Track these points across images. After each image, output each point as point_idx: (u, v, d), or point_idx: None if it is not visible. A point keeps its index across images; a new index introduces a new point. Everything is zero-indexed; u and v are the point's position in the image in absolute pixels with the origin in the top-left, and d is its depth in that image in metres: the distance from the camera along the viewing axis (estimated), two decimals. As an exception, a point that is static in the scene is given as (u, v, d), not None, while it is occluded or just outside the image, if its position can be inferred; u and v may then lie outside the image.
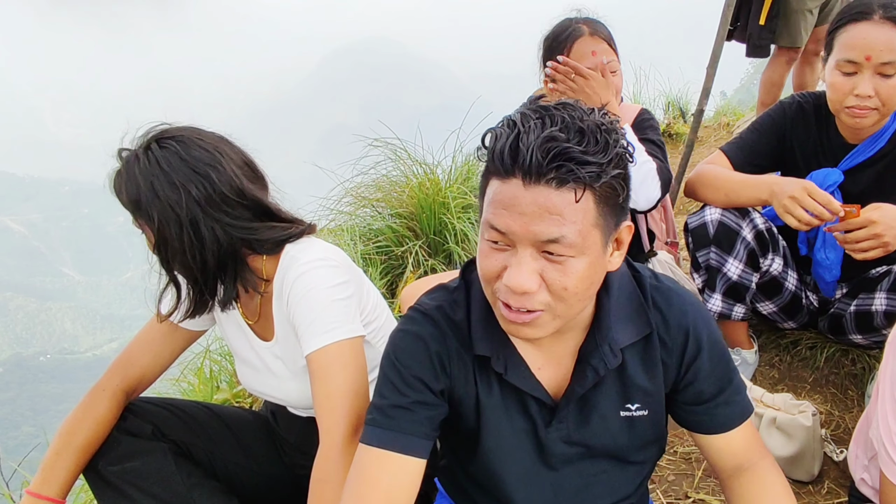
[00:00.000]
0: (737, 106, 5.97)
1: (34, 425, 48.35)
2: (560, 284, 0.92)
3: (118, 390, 1.48)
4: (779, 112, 1.97)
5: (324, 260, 1.38)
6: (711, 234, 1.93)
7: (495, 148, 0.91)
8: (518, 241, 0.91)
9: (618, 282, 1.08)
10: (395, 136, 3.48)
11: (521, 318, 0.95)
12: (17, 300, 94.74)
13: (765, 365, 2.34)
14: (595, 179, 0.88)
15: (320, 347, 1.32)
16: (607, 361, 1.05)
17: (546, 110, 0.91)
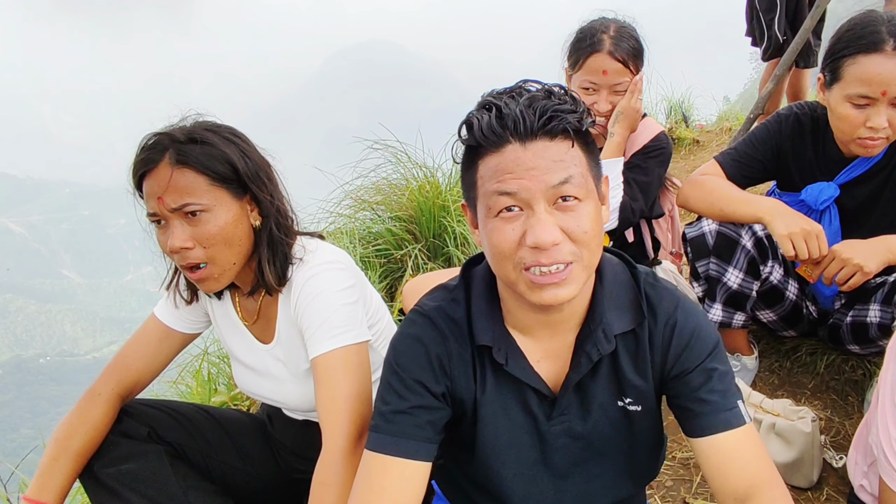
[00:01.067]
0: (740, 111, 5.98)
1: (32, 427, 48.30)
2: (580, 229, 0.96)
3: (114, 395, 1.47)
4: (775, 125, 1.95)
5: (332, 263, 1.39)
6: (710, 244, 1.92)
7: (481, 126, 0.96)
8: (531, 197, 0.95)
9: (611, 271, 1.10)
10: (396, 139, 3.48)
11: (556, 278, 0.96)
12: (17, 302, 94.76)
13: (765, 371, 2.33)
14: (580, 125, 0.96)
15: (327, 352, 1.33)
16: (600, 347, 1.06)
17: (511, 88, 0.99)
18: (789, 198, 1.96)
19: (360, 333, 1.36)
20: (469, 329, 1.09)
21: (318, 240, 1.49)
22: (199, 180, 1.29)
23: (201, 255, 1.31)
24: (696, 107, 5.99)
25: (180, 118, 1.38)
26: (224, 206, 1.32)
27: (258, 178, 1.36)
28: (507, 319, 1.09)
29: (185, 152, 1.29)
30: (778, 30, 3.73)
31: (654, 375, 1.10)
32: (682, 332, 1.08)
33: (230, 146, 1.34)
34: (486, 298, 1.09)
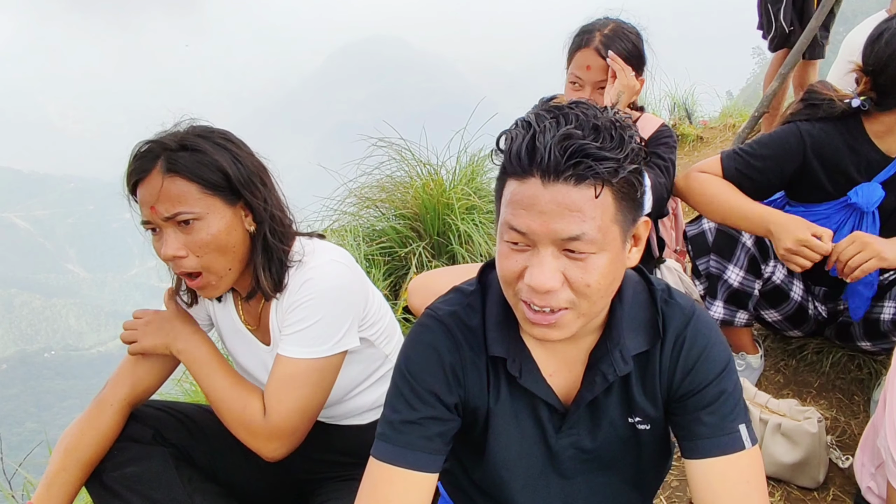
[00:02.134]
0: (742, 107, 5.94)
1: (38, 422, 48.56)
2: (583, 282, 0.92)
3: (124, 404, 1.46)
4: (793, 139, 1.83)
5: (331, 263, 1.38)
6: (710, 241, 1.91)
7: (511, 149, 0.91)
8: (539, 240, 0.91)
9: (632, 289, 1.07)
10: (400, 136, 3.47)
11: (546, 319, 0.94)
12: (22, 297, 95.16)
13: (770, 370, 2.32)
14: (613, 175, 0.88)
15: (294, 357, 1.34)
16: (617, 368, 1.03)
17: (560, 110, 0.92)
18: (818, 208, 1.88)
19: (337, 345, 1.36)
20: (484, 338, 1.06)
21: (318, 240, 1.48)
22: (190, 189, 1.28)
23: (195, 263, 1.31)
24: (700, 103, 5.96)
25: (174, 123, 1.36)
26: (216, 213, 1.31)
27: (250, 183, 1.34)
28: (521, 329, 1.06)
29: (176, 160, 1.28)
30: (784, 20, 3.70)
31: (662, 395, 1.08)
32: (690, 352, 1.05)
33: (222, 152, 1.32)
34: (502, 306, 1.06)
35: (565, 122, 0.89)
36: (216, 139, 1.34)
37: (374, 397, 1.57)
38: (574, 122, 0.89)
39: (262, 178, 1.38)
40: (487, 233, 3.12)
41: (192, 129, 1.35)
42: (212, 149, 1.31)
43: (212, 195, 1.30)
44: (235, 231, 1.33)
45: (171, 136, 1.32)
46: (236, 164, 1.33)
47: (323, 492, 1.58)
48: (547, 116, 0.90)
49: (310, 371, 1.35)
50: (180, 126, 1.36)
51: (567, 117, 0.90)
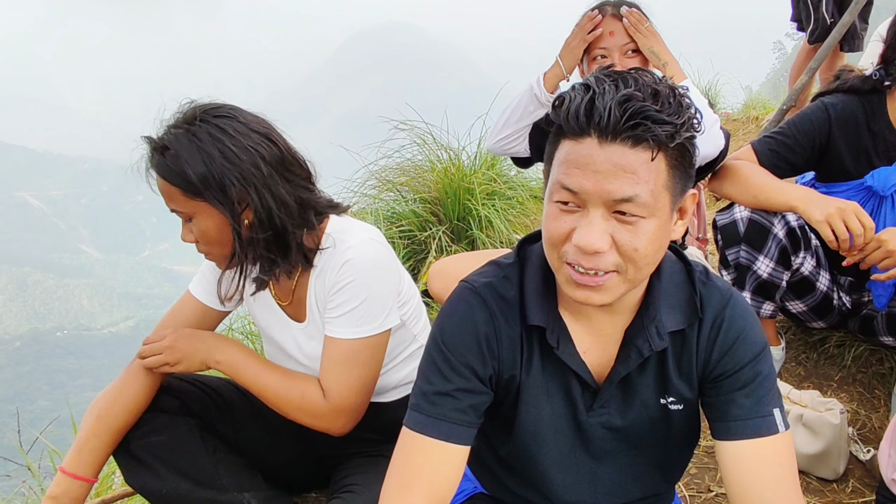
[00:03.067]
0: (767, 99, 5.88)
1: (50, 399, 49.29)
2: (631, 246, 0.92)
3: (155, 374, 1.49)
4: (820, 115, 1.87)
5: (369, 241, 1.39)
6: (742, 231, 1.89)
7: (570, 108, 0.91)
8: (590, 200, 0.91)
9: (669, 269, 1.06)
10: (422, 120, 3.47)
11: (592, 281, 0.93)
12: (36, 275, 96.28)
13: (791, 362, 2.31)
14: (669, 139, 0.89)
15: (344, 338, 1.38)
16: (652, 342, 1.03)
17: (619, 74, 0.92)
18: (838, 188, 1.89)
19: (384, 322, 1.40)
20: (521, 309, 1.06)
21: (349, 218, 1.48)
22: (175, 191, 1.32)
23: (204, 250, 1.40)
24: (724, 95, 5.90)
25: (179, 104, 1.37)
26: (203, 213, 1.33)
27: (223, 188, 1.30)
28: (560, 302, 1.07)
29: (161, 164, 1.31)
30: (826, 11, 3.64)
31: (697, 375, 1.08)
32: (728, 333, 1.05)
33: (196, 155, 1.28)
34: (541, 277, 1.06)
35: (624, 85, 0.90)
36: (199, 134, 1.30)
37: (399, 376, 1.58)
38: (633, 85, 0.90)
39: (249, 170, 1.31)
40: (507, 219, 3.12)
41: (186, 117, 1.33)
42: (187, 151, 1.28)
43: (193, 198, 1.31)
44: (226, 226, 1.34)
45: (169, 126, 1.34)
46: (210, 165, 1.28)
47: (345, 467, 1.60)
48: (606, 80, 0.91)
49: (362, 349, 1.39)
50: (182, 109, 1.36)
51: (626, 81, 0.90)
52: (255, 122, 1.37)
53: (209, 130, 1.30)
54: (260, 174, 1.32)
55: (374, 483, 1.45)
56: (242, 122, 1.34)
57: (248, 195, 1.31)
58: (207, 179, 1.29)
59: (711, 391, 1.07)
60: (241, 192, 1.31)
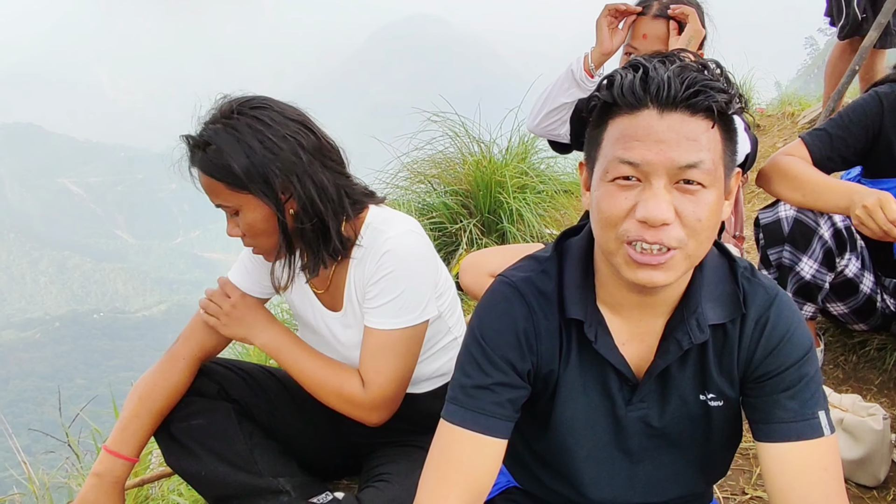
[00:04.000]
0: (803, 95, 5.71)
1: (86, 378, 50.92)
2: (695, 216, 0.91)
3: (194, 358, 1.52)
4: (873, 104, 1.83)
5: (409, 233, 1.41)
6: (786, 231, 1.84)
7: (623, 84, 0.92)
8: (653, 171, 0.90)
9: (712, 262, 1.05)
10: (454, 112, 3.46)
11: (655, 259, 0.92)
12: (75, 259, 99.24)
13: (829, 364, 2.25)
14: (727, 107, 0.91)
15: (384, 329, 1.39)
16: (692, 335, 1.01)
17: (665, 55, 0.94)
18: (884, 184, 1.84)
19: (422, 313, 1.41)
20: (560, 302, 1.06)
21: (388, 209, 1.49)
22: (220, 186, 1.33)
23: (250, 243, 1.41)
24: (758, 90, 5.76)
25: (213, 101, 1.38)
26: (248, 206, 1.34)
27: (267, 179, 1.31)
28: (598, 296, 1.06)
29: (203, 160, 1.32)
30: (858, 7, 3.53)
31: (739, 373, 1.06)
32: (773, 332, 1.03)
33: (238, 148, 1.29)
34: (580, 271, 1.05)
35: (672, 62, 0.92)
36: (239, 127, 1.31)
37: (433, 367, 1.59)
38: (680, 62, 0.92)
39: (290, 160, 1.33)
40: (538, 213, 3.10)
41: (224, 112, 1.34)
42: (229, 145, 1.30)
43: (238, 191, 1.33)
44: (272, 217, 1.36)
45: (206, 123, 1.35)
46: (253, 157, 1.30)
47: (377, 456, 1.62)
48: (654, 58, 0.93)
49: (401, 340, 1.40)
50: (216, 105, 1.37)
51: (672, 59, 0.92)
52: (290, 110, 1.39)
53: (248, 122, 1.32)
54: (301, 162, 1.33)
55: (406, 473, 1.47)
56: (278, 111, 1.36)
57: (292, 184, 1.33)
58: (251, 171, 1.30)
59: (754, 391, 1.05)
60: (284, 181, 1.32)
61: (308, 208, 1.35)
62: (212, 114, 1.36)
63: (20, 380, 52.81)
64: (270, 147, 1.31)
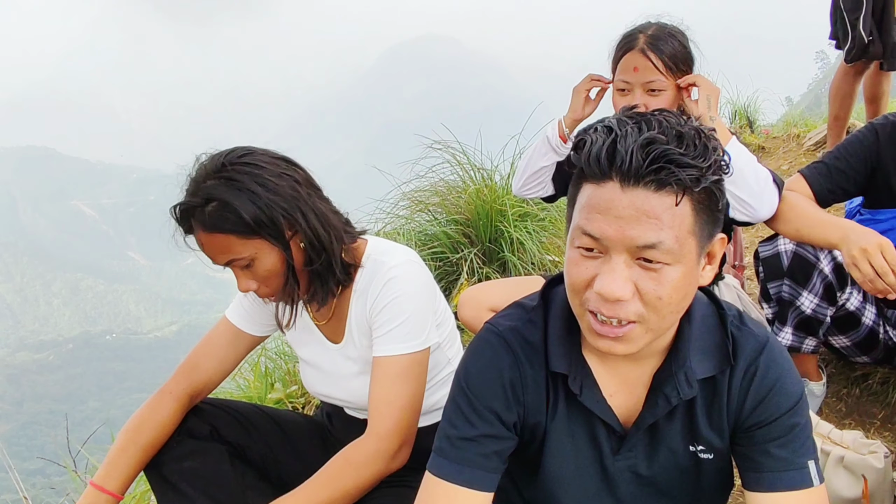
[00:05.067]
0: (808, 116, 5.70)
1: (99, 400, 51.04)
2: (654, 294, 0.89)
3: (183, 395, 1.53)
4: (870, 136, 1.84)
5: (409, 263, 1.42)
6: (785, 265, 1.83)
7: (591, 151, 0.89)
8: (612, 246, 0.89)
9: (700, 312, 1.03)
10: (455, 140, 3.48)
11: (613, 332, 0.91)
12: (87, 281, 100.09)
13: (832, 397, 2.22)
14: (695, 183, 0.87)
15: (392, 355, 1.37)
16: (681, 391, 1.00)
17: (642, 116, 0.90)
18: (882, 214, 1.85)
19: (426, 339, 1.40)
20: (545, 353, 1.05)
21: (385, 240, 1.51)
22: (230, 239, 1.32)
23: (267, 291, 1.39)
24: (762, 110, 5.75)
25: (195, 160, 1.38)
26: (264, 251, 1.34)
27: (274, 221, 1.32)
28: (584, 346, 1.05)
29: (206, 218, 1.31)
30: (863, 29, 3.53)
31: (730, 424, 1.04)
32: (763, 382, 1.01)
33: (242, 196, 1.30)
34: (564, 322, 1.04)
35: (647, 127, 0.87)
36: (234, 178, 1.31)
37: (431, 401, 1.58)
38: (657, 127, 0.87)
39: (290, 198, 1.35)
40: (539, 241, 3.10)
41: (211, 170, 1.34)
42: (232, 196, 1.30)
43: (251, 238, 1.32)
44: (285, 257, 1.36)
45: (194, 186, 1.34)
46: (258, 202, 1.31)
47: (373, 495, 1.60)
48: (629, 122, 0.89)
49: (410, 366, 1.38)
50: (200, 160, 1.37)
51: (650, 123, 0.88)
52: (272, 152, 1.41)
53: (242, 170, 1.33)
54: (300, 196, 1.36)
55: (396, 515, 1.46)
56: (263, 153, 1.38)
57: (296, 220, 1.35)
58: (259, 216, 1.31)
59: (744, 440, 1.04)
60: (289, 218, 1.34)
61: (314, 240, 1.37)
62: (198, 175, 1.35)
63: (34, 402, 53.08)
64: (271, 188, 1.32)
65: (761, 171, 1.81)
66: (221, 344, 1.59)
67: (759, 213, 1.81)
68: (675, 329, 1.01)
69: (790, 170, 4.56)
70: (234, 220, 1.30)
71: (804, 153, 4.76)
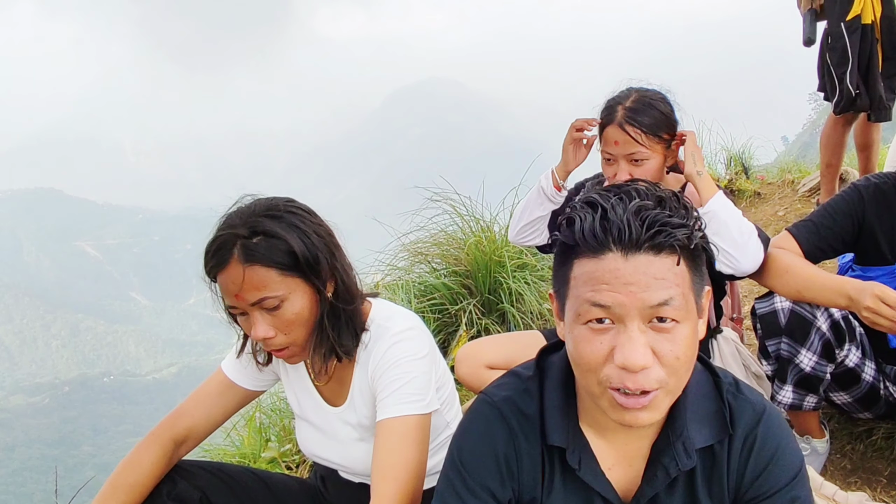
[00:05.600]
0: (802, 160, 5.77)
1: (93, 445, 50.21)
2: (672, 355, 0.90)
3: (167, 439, 1.51)
4: (854, 196, 1.87)
5: (411, 329, 1.43)
6: (783, 323, 1.83)
7: (583, 227, 0.91)
8: (626, 313, 0.89)
9: (694, 379, 1.03)
10: (455, 191, 3.53)
11: (639, 403, 0.91)
12: (88, 322, 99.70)
13: (836, 454, 2.19)
14: (689, 242, 0.91)
15: (395, 416, 1.35)
16: (679, 461, 0.99)
17: (620, 188, 0.94)
18: (872, 272, 1.86)
19: (429, 403, 1.38)
20: (541, 426, 1.04)
21: (390, 304, 1.52)
22: (270, 274, 1.30)
23: (283, 340, 1.35)
24: (758, 157, 5.81)
25: (235, 201, 1.39)
26: (298, 291, 1.33)
27: (320, 258, 1.35)
28: (582, 418, 1.04)
29: (251, 249, 1.29)
30: (850, 83, 3.62)
31: (730, 496, 1.03)
32: (762, 452, 1.01)
33: (292, 232, 1.32)
34: (561, 393, 1.04)
35: (629, 198, 0.91)
36: (284, 216, 1.34)
37: (431, 464, 1.56)
38: (638, 196, 0.91)
39: (329, 245, 1.38)
40: (538, 290, 3.10)
41: (259, 208, 1.36)
42: (283, 230, 1.32)
43: (290, 276, 1.32)
44: (315, 303, 1.36)
45: (240, 220, 1.33)
46: (305, 240, 1.33)
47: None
48: (610, 195, 0.92)
49: (415, 429, 1.35)
50: (243, 202, 1.39)
51: (629, 193, 0.91)
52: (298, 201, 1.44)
53: (291, 210, 1.37)
54: (335, 245, 1.40)
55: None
56: (298, 204, 1.42)
57: (335, 266, 1.38)
58: (306, 252, 1.32)
59: None
60: (328, 263, 1.36)
61: (345, 291, 1.39)
62: (246, 211, 1.35)
63: (26, 447, 52.16)
64: (315, 230, 1.36)
65: (745, 225, 1.85)
66: (212, 394, 1.57)
67: (742, 266, 1.84)
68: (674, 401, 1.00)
69: (786, 216, 4.59)
70: (280, 254, 1.30)
71: (799, 199, 4.81)
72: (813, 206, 4.50)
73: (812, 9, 3.67)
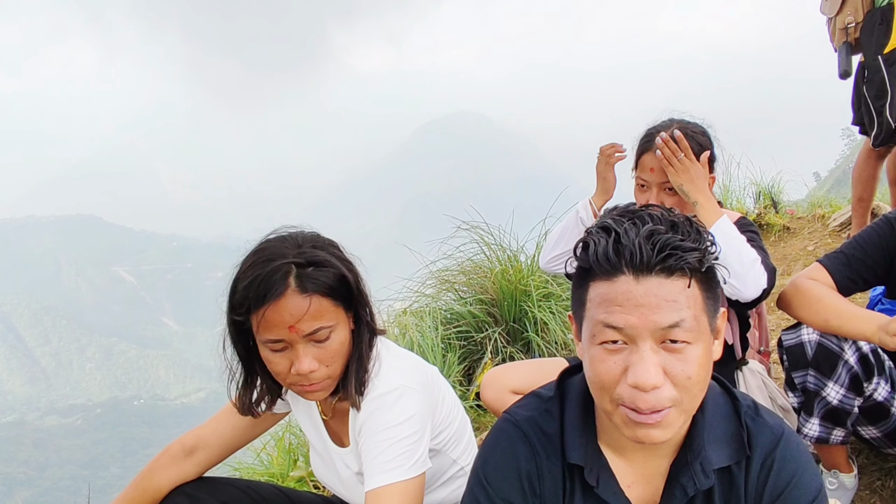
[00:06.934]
0: (834, 197, 5.71)
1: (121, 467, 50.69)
2: (684, 374, 0.93)
3: (176, 448, 1.57)
4: (886, 228, 1.87)
5: (395, 391, 1.37)
6: (810, 356, 1.82)
7: (597, 251, 0.95)
8: (638, 334, 0.93)
9: (713, 401, 1.06)
10: (483, 220, 3.59)
11: (652, 419, 0.94)
12: (121, 345, 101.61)
13: (865, 489, 2.15)
14: (700, 265, 0.94)
15: (382, 486, 1.30)
16: (697, 481, 1.01)
17: (634, 213, 0.98)
18: (892, 306, 1.87)
19: (414, 467, 1.33)
20: (561, 444, 1.07)
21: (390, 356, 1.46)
22: (324, 303, 1.30)
23: (325, 373, 1.33)
24: (787, 192, 5.77)
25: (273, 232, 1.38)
26: (342, 322, 1.35)
27: (361, 291, 1.38)
28: (600, 437, 1.07)
29: (311, 278, 1.28)
30: (890, 116, 3.58)
31: None
32: (780, 476, 1.02)
33: (338, 262, 1.34)
34: (580, 413, 1.07)
35: (642, 222, 0.95)
36: (330, 249, 1.36)
37: (438, 498, 1.58)
38: (651, 221, 0.95)
39: (358, 279, 1.39)
40: (563, 321, 3.13)
41: (304, 238, 1.35)
42: (331, 260, 1.33)
43: (340, 306, 1.33)
44: (351, 334, 1.38)
45: (292, 249, 1.31)
46: (351, 272, 1.35)
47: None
48: (623, 220, 0.96)
49: (404, 493, 1.30)
50: (283, 231, 1.39)
51: (642, 218, 0.96)
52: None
53: (332, 243, 1.40)
54: (361, 276, 1.41)
55: None
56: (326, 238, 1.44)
57: (367, 298, 1.41)
58: (352, 284, 1.36)
59: None
60: (365, 295, 1.40)
61: (370, 322, 1.41)
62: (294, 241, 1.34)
63: (58, 467, 53.01)
64: (352, 264, 1.39)
65: (747, 252, 1.86)
66: (224, 411, 1.61)
67: (744, 293, 1.86)
68: (690, 419, 1.03)
69: (816, 250, 4.54)
70: (333, 285, 1.31)
71: (829, 234, 4.75)
72: (843, 240, 4.45)
73: (847, 42, 3.67)
